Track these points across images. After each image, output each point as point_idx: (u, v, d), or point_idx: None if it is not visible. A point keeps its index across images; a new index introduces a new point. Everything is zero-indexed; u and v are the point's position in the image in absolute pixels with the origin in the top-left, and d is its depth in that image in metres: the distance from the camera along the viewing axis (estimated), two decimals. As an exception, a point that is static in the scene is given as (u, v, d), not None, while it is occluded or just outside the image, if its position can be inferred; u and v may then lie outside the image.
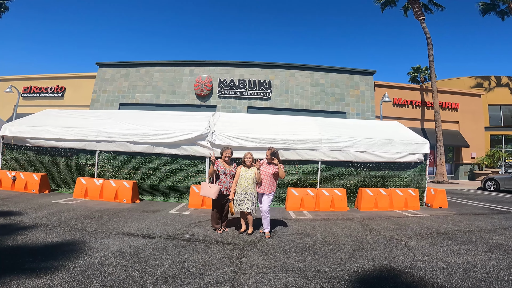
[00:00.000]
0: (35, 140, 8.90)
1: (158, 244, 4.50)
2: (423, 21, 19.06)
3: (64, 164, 8.76)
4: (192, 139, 8.15)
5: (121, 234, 4.93)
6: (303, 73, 18.81)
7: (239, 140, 8.16)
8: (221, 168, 5.41)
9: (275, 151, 5.37)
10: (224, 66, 18.74)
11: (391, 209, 8.05)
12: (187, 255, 4.08)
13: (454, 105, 20.54)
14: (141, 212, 6.74)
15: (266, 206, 5.21)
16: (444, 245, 5.00)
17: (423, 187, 8.79)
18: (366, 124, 10.68)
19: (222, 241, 4.79)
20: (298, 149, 8.22)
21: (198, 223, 5.96)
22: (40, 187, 8.40)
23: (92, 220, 5.74)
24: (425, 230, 5.96)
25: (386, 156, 8.46)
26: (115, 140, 8.38)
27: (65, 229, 5.09)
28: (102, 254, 4.01)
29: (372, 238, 5.31)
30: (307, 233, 5.48)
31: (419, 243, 5.07)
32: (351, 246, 4.78)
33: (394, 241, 5.17)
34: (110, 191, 7.83)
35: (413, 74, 37.30)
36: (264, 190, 5.25)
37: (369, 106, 18.54)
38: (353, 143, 8.37)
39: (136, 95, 18.67)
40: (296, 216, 6.95)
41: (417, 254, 4.51)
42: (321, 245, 4.80)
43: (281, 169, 5.27)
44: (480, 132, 21.13)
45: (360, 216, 7.23)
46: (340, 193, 7.89)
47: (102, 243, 4.45)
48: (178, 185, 8.25)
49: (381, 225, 6.34)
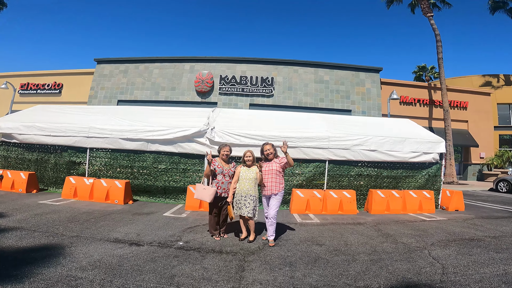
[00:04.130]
0: (23, 136, 8.35)
1: (147, 253, 3.92)
2: (431, 18, 18.42)
3: (52, 162, 8.19)
4: (190, 136, 7.57)
5: (105, 241, 4.35)
6: (307, 70, 18.18)
7: (240, 137, 7.57)
8: (219, 168, 4.81)
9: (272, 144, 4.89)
10: (226, 62, 18.14)
11: (404, 212, 7.44)
12: (179, 268, 3.50)
13: (463, 104, 19.89)
14: (133, 214, 6.16)
15: (274, 211, 4.59)
16: (474, 254, 4.40)
17: (438, 189, 8.16)
18: (376, 121, 10.05)
19: (220, 250, 4.20)
20: (303, 147, 7.62)
21: (194, 227, 5.38)
22: (28, 187, 7.85)
23: (76, 224, 5.16)
24: (447, 236, 5.34)
25: (399, 156, 7.83)
26: (107, 136, 7.81)
27: (43, 233, 4.52)
28: (78, 264, 3.44)
29: (390, 246, 4.71)
30: (315, 240, 4.88)
31: (445, 252, 4.46)
32: (367, 256, 4.18)
33: (416, 249, 4.56)
34: (101, 191, 7.26)
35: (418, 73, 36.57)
36: (271, 190, 4.62)
37: (375, 104, 17.89)
38: (363, 141, 7.76)
39: (135, 91, 18.10)
40: (302, 220, 6.35)
41: (445, 264, 3.91)
42: (332, 254, 4.21)
43: (288, 155, 4.68)
44: (489, 131, 20.46)
45: (372, 220, 6.62)
46: (349, 195, 7.28)
47: (81, 250, 3.88)
48: (174, 185, 7.67)
49: (396, 230, 5.73)
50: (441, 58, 17.93)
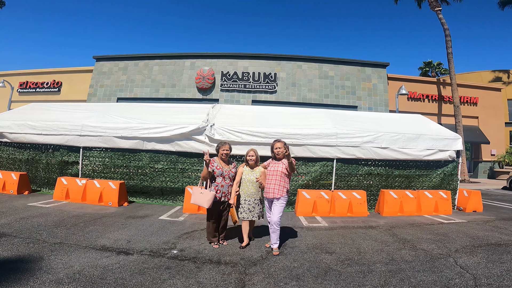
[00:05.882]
0: (14, 135, 7.93)
1: (135, 264, 3.46)
2: (439, 12, 17.74)
3: (44, 162, 7.77)
4: (188, 134, 7.10)
5: (91, 248, 3.90)
6: (311, 65, 17.60)
7: (242, 134, 7.08)
8: (218, 169, 4.29)
9: (284, 143, 4.30)
10: (227, 58, 17.63)
11: (418, 213, 6.91)
12: (170, 282, 3.03)
13: (473, 100, 19.22)
14: (126, 218, 5.71)
15: (277, 217, 4.07)
16: (505, 261, 3.90)
17: (455, 188, 7.61)
18: (387, 117, 9.48)
19: (218, 260, 3.72)
20: (310, 144, 7.11)
21: (191, 233, 4.91)
22: (19, 188, 7.44)
23: (63, 229, 4.72)
24: (471, 241, 4.82)
25: (413, 153, 7.29)
26: (100, 135, 7.36)
27: (24, 240, 4.08)
28: (54, 276, 2.99)
29: (409, 253, 4.20)
30: (324, 248, 4.39)
31: (472, 260, 3.95)
32: (384, 266, 3.68)
33: (439, 257, 4.05)
34: (94, 192, 6.82)
35: (424, 69, 35.76)
36: (274, 194, 4.10)
37: (382, 100, 17.29)
38: (374, 138, 7.22)
39: (135, 89, 17.67)
40: (308, 224, 5.86)
41: (476, 275, 3.41)
42: (344, 265, 3.71)
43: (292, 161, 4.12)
44: (501, 128, 19.78)
45: (385, 222, 6.11)
46: (359, 195, 6.77)
47: (62, 260, 3.43)
48: (172, 186, 7.21)
49: (413, 235, 5.21)
50: (451, 53, 17.27)
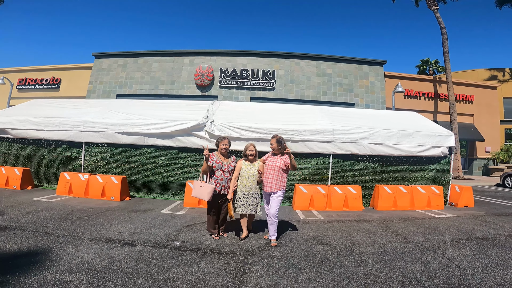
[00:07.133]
0: (16, 131, 8.06)
1: (140, 255, 3.65)
2: (436, 11, 17.93)
3: (47, 157, 7.92)
4: (188, 129, 7.27)
5: (97, 240, 4.08)
6: (309, 63, 17.76)
7: (241, 130, 7.27)
8: (217, 163, 4.48)
9: (280, 138, 4.45)
10: (226, 55, 17.73)
11: (412, 208, 7.14)
12: (174, 271, 3.23)
13: (468, 97, 19.47)
14: (129, 212, 5.89)
15: (275, 209, 4.28)
16: (490, 254, 4.11)
17: (447, 184, 7.84)
18: (382, 114, 9.68)
19: (218, 251, 3.92)
20: (307, 140, 7.31)
21: (192, 225, 5.10)
22: (22, 183, 7.59)
23: (68, 222, 4.90)
24: (460, 235, 5.05)
25: (406, 149, 7.51)
26: (102, 130, 7.51)
27: (32, 233, 4.26)
28: (65, 267, 3.17)
29: (400, 245, 4.42)
30: (320, 240, 4.60)
31: (459, 252, 4.17)
32: (376, 257, 3.89)
33: (428, 249, 4.27)
34: (96, 187, 6.99)
35: (422, 67, 35.99)
36: (271, 187, 4.30)
37: (379, 97, 17.49)
38: (369, 134, 7.43)
39: (134, 85, 17.76)
40: (305, 217, 6.07)
41: (462, 266, 3.63)
42: (339, 255, 3.92)
43: (292, 159, 4.34)
44: (495, 125, 20.05)
45: (379, 217, 6.33)
46: (355, 190, 6.99)
47: (70, 251, 3.61)
48: (172, 181, 7.39)
49: (405, 228, 5.43)
50: (447, 51, 17.49)
